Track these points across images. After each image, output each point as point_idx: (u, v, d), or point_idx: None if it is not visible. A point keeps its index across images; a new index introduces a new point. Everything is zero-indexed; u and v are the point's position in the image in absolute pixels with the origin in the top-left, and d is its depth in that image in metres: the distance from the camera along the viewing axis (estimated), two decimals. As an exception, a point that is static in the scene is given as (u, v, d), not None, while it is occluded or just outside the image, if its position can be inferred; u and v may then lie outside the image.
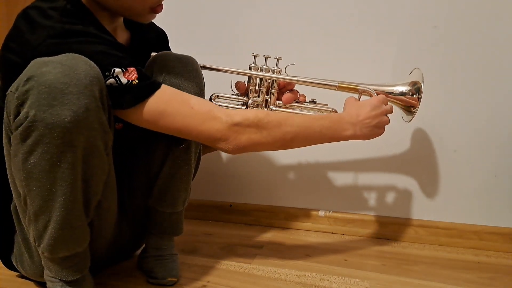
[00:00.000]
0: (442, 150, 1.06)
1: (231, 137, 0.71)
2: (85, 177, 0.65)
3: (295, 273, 0.90)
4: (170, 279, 0.84)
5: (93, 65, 0.62)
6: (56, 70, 0.58)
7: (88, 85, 0.60)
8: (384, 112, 0.83)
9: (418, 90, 0.85)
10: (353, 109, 0.82)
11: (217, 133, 0.71)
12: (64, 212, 0.63)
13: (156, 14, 0.77)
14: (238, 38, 1.18)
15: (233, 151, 0.73)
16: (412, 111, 0.87)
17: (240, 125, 0.71)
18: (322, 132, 0.77)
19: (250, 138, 0.72)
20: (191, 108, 0.70)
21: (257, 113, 0.73)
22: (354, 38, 1.08)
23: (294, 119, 0.76)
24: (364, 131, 0.81)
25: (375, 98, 0.84)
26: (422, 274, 0.90)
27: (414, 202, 1.10)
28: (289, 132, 0.74)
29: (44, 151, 0.59)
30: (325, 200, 1.18)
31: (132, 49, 0.84)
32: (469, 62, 1.01)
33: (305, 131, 0.76)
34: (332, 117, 0.80)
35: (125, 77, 0.66)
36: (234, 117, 0.71)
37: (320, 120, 0.78)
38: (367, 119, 0.81)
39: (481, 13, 0.99)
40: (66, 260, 0.68)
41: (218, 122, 0.70)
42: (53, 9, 0.66)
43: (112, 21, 0.77)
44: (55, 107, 0.58)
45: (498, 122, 1.01)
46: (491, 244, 1.03)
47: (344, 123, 0.79)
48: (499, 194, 1.03)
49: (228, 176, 1.26)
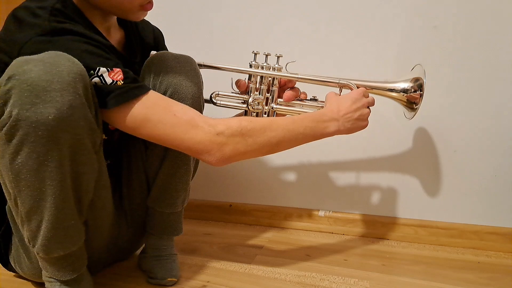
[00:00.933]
0: (442, 150, 1.06)
1: (214, 149, 0.69)
2: (74, 176, 0.64)
3: (295, 273, 0.90)
4: (170, 279, 0.84)
5: (76, 62, 0.62)
6: (37, 67, 0.58)
7: (71, 82, 0.59)
8: (365, 104, 0.82)
9: (420, 86, 0.85)
10: (334, 104, 0.81)
11: (199, 145, 0.68)
12: (56, 211, 0.63)
13: (146, 11, 0.76)
14: (238, 35, 1.18)
15: (217, 163, 0.70)
16: (414, 107, 0.87)
17: (223, 135, 0.69)
18: (305, 132, 0.76)
19: (235, 148, 0.70)
20: (174, 115, 0.68)
21: (240, 121, 0.71)
22: (355, 37, 1.08)
23: (278, 123, 0.74)
24: (347, 126, 0.80)
25: (355, 92, 0.83)
26: (422, 274, 0.90)
27: (414, 202, 1.10)
28: (274, 136, 0.73)
29: (30, 150, 0.59)
30: (325, 200, 1.18)
31: (126, 48, 0.83)
32: (469, 62, 1.01)
33: (290, 133, 0.74)
34: (314, 116, 0.78)
35: (110, 76, 0.65)
36: (217, 126, 0.69)
37: (303, 121, 0.76)
38: (349, 113, 0.80)
39: (481, 13, 0.99)
40: (62, 260, 0.68)
41: (200, 132, 0.68)
42: (42, 8, 0.66)
43: (104, 20, 0.77)
44: (38, 105, 0.57)
45: (498, 122, 1.01)
46: (491, 244, 1.03)
47: (326, 120, 0.78)
48: (499, 194, 1.03)
49: (228, 176, 1.26)
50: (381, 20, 1.05)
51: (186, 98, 0.76)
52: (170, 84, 0.76)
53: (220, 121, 0.70)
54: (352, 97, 0.81)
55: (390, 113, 1.06)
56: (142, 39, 0.88)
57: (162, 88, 0.76)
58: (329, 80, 0.86)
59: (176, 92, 0.76)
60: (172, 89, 0.76)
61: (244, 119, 0.72)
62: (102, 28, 0.76)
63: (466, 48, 1.01)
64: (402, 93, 0.87)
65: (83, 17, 0.72)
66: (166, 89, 0.76)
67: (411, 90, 0.86)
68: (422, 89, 0.85)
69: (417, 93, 0.86)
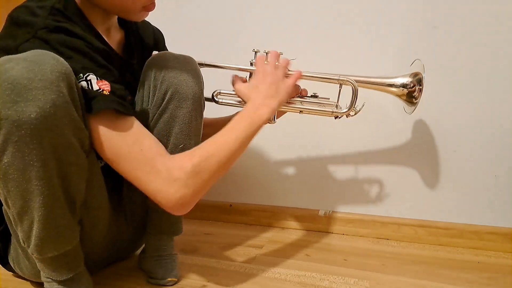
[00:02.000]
0: (442, 150, 1.06)
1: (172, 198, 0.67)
2: (62, 175, 0.63)
3: (295, 273, 0.90)
4: (170, 279, 0.84)
5: (62, 61, 0.61)
6: (19, 66, 0.57)
7: (54, 81, 0.58)
8: (272, 68, 0.80)
9: (419, 81, 0.86)
10: (252, 91, 0.79)
11: (157, 193, 0.67)
12: (46, 211, 0.63)
13: (148, 12, 0.76)
14: (238, 34, 1.18)
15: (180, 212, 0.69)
16: (414, 102, 0.87)
17: (181, 180, 0.67)
18: (246, 133, 0.74)
19: (195, 190, 0.68)
20: (140, 150, 0.67)
21: (190, 158, 0.68)
22: (355, 36, 1.08)
23: (218, 141, 0.72)
24: (274, 101, 0.78)
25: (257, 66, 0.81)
26: (422, 274, 0.90)
27: (414, 202, 1.10)
28: (223, 156, 0.70)
29: (15, 150, 0.58)
30: (325, 200, 1.18)
31: (125, 49, 0.83)
32: (470, 62, 1.01)
33: (234, 144, 0.72)
34: (244, 114, 0.76)
35: (98, 84, 0.65)
36: (174, 172, 0.67)
37: (238, 125, 0.74)
38: (269, 88, 0.78)
39: (481, 13, 0.99)
40: (57, 260, 0.68)
41: (158, 178, 0.67)
42: (41, 8, 0.66)
43: (105, 20, 0.77)
44: (19, 103, 0.56)
45: (498, 122, 1.01)
46: (491, 244, 1.03)
47: (255, 110, 0.76)
48: (499, 194, 1.03)
49: (228, 176, 1.26)
50: (381, 20, 1.05)
51: (187, 98, 0.77)
52: (171, 84, 0.76)
53: (175, 162, 0.68)
54: (259, 73, 0.80)
55: (390, 114, 1.06)
56: (142, 39, 0.88)
57: (162, 88, 0.76)
58: (328, 77, 0.86)
59: (176, 92, 0.76)
60: (173, 89, 0.76)
61: (189, 155, 0.69)
62: (102, 29, 0.76)
63: (466, 48, 1.01)
64: (402, 88, 0.87)
65: (83, 18, 0.71)
66: (166, 89, 0.76)
67: (411, 85, 0.87)
68: (421, 83, 0.85)
69: (416, 87, 0.86)
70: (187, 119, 0.77)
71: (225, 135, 0.73)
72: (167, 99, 0.76)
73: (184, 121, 0.77)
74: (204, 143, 0.72)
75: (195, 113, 0.78)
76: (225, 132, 0.73)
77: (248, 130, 0.74)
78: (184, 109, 0.77)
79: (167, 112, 0.77)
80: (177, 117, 0.77)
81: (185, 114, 0.77)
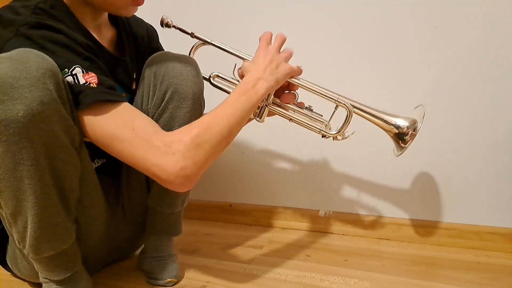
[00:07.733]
0: (442, 150, 1.06)
1: (176, 176, 0.65)
2: (54, 173, 0.63)
3: (295, 273, 0.90)
4: (170, 280, 0.84)
5: (47, 58, 0.60)
6: (4, 64, 0.57)
7: (40, 78, 0.58)
8: (275, 49, 0.80)
9: (414, 129, 0.84)
10: (252, 68, 0.78)
11: (155, 168, 0.64)
12: (39, 210, 0.62)
13: (137, 6, 0.76)
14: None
15: (183, 187, 0.67)
16: (402, 146, 0.86)
17: (180, 152, 0.64)
18: (244, 107, 0.73)
19: (197, 161, 0.65)
20: (132, 130, 0.65)
21: (189, 131, 0.67)
22: (356, 35, 1.08)
23: (218, 114, 0.70)
24: (273, 78, 0.77)
25: (260, 49, 0.80)
26: (422, 274, 0.90)
27: (414, 202, 1.10)
28: (222, 128, 0.69)
29: (5, 149, 0.58)
30: (325, 200, 1.18)
31: (117, 46, 0.83)
32: (470, 62, 1.01)
33: (233, 117, 0.71)
34: (241, 88, 0.75)
35: (84, 78, 0.64)
36: (172, 145, 0.65)
37: (236, 98, 0.73)
38: (269, 64, 0.78)
39: (482, 13, 0.98)
40: (53, 260, 0.68)
41: (156, 153, 0.64)
42: (25, 7, 0.66)
43: (95, 18, 0.76)
44: (6, 102, 0.56)
45: (498, 122, 1.01)
46: (491, 244, 1.03)
47: (254, 84, 0.75)
48: (499, 194, 1.03)
49: (228, 176, 1.26)
50: (381, 20, 1.05)
51: (187, 97, 0.76)
52: (170, 84, 0.76)
53: (173, 136, 0.66)
54: (260, 52, 0.79)
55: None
56: (135, 37, 0.88)
57: (162, 87, 0.76)
58: (327, 95, 0.84)
59: (176, 91, 0.76)
60: (172, 89, 0.76)
61: (190, 127, 0.68)
62: (93, 27, 0.76)
63: (466, 48, 1.00)
64: (395, 128, 0.85)
65: (71, 16, 0.71)
66: (166, 89, 0.76)
67: (405, 129, 0.85)
68: (415, 130, 0.83)
69: (410, 133, 0.84)
70: (187, 119, 0.77)
71: (223, 108, 0.72)
72: (167, 98, 0.76)
73: (184, 121, 0.77)
74: (203, 117, 0.71)
75: (195, 113, 0.78)
76: (223, 105, 0.72)
77: (246, 105, 0.73)
78: (184, 109, 0.77)
79: (167, 111, 0.77)
80: (176, 116, 0.77)
81: (185, 114, 0.77)
